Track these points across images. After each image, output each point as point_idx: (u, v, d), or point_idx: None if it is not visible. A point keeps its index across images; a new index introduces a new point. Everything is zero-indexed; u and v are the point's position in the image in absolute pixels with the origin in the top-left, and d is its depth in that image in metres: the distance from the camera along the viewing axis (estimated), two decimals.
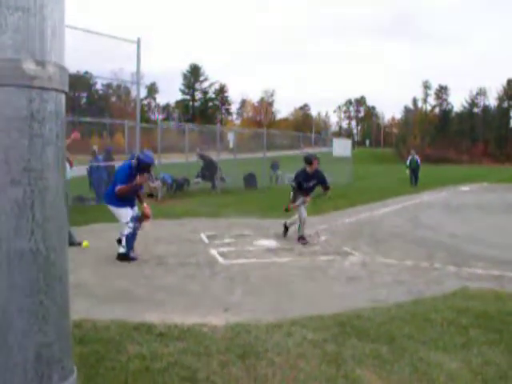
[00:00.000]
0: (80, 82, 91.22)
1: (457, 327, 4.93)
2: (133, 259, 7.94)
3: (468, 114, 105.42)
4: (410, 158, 27.58)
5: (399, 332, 4.78)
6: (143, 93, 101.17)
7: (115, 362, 3.93)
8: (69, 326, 2.19)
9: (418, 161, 27.32)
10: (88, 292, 6.19)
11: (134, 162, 7.96)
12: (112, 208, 8.09)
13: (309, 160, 10.01)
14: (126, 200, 8.00)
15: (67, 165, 8.59)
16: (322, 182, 10.19)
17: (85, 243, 8.98)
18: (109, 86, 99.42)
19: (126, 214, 8.00)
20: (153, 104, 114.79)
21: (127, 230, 7.94)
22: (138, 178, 7.89)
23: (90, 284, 6.59)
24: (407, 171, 27.26)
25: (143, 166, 7.92)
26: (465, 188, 27.30)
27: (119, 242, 8.06)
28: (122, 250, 7.96)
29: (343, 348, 4.37)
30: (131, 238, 8.00)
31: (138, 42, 16.68)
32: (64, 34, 2.09)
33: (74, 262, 7.82)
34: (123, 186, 7.85)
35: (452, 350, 4.40)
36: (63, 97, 2.10)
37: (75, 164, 10.98)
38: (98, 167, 17.02)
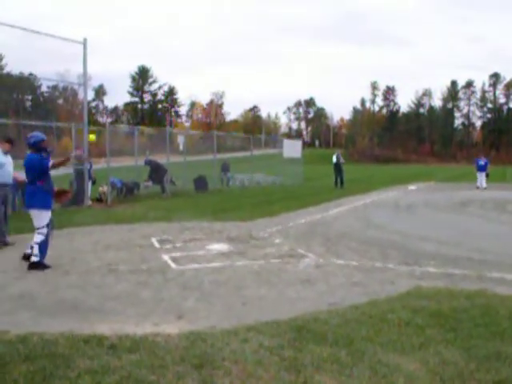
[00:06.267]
0: (24, 83, 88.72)
1: (413, 327, 4.94)
2: (47, 267, 7.60)
3: (414, 115, 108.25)
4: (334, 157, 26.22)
5: (357, 334, 4.73)
6: (91, 95, 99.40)
7: (64, 380, 3.71)
8: None
9: (337, 160, 25.90)
10: (33, 303, 5.88)
11: (32, 152, 7.94)
12: (35, 211, 7.78)
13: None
14: (49, 199, 7.89)
15: None
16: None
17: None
18: (55, 87, 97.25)
19: (47, 217, 7.82)
20: (101, 106, 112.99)
21: (39, 238, 7.64)
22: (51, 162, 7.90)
23: (36, 294, 6.26)
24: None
25: (41, 145, 7.88)
26: (412, 187, 27.90)
27: (27, 257, 7.76)
28: (34, 258, 7.57)
29: (301, 353, 4.28)
30: (44, 244, 7.71)
31: (85, 43, 16.26)
32: None
33: (17, 271, 7.50)
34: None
35: (410, 350, 4.38)
36: None
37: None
38: None
